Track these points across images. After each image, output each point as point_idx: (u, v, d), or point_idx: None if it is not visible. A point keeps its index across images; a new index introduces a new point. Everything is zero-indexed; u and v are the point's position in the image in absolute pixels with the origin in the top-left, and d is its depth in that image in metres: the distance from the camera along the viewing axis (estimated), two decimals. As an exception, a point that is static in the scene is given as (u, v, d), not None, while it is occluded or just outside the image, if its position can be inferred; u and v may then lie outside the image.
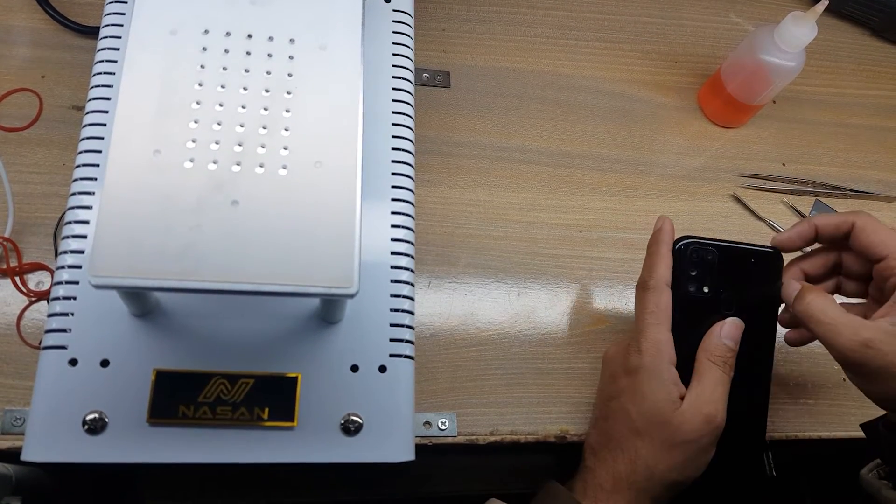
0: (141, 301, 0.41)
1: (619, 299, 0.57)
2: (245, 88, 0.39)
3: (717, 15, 0.73)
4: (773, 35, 0.59)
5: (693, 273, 0.47)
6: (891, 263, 0.45)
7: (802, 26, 0.57)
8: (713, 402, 0.44)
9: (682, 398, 0.45)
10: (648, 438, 0.45)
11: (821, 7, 0.55)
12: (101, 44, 0.47)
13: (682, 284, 0.47)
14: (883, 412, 0.46)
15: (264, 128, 0.39)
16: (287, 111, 0.39)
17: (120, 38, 0.47)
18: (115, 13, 0.48)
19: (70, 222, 0.43)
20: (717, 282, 0.48)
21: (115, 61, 0.46)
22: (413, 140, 0.50)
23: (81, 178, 0.44)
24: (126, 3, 0.48)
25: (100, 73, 0.46)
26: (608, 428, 0.47)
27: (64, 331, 0.41)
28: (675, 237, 0.48)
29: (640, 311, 0.47)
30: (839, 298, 0.49)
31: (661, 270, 0.47)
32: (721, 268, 0.48)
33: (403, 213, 0.47)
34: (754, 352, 0.49)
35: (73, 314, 0.41)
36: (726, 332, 0.46)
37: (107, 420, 0.40)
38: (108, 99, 0.45)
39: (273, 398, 0.41)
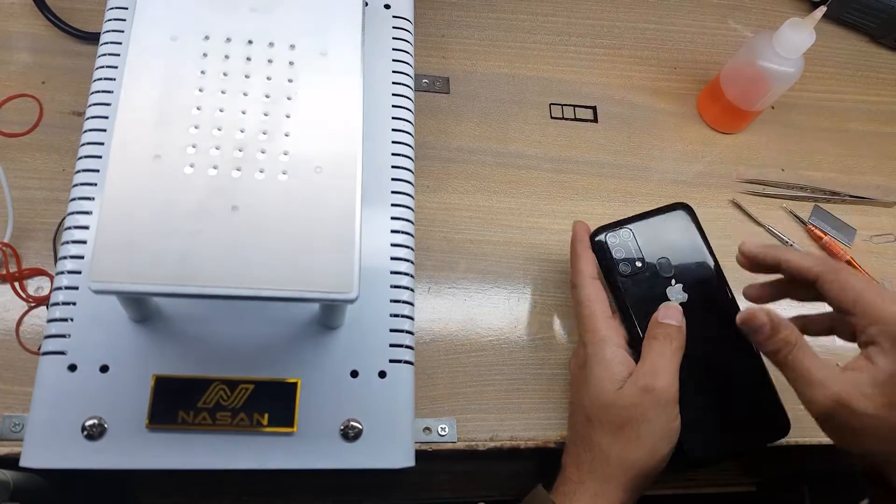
0: (140, 306, 0.41)
1: (618, 305, 0.57)
2: (245, 94, 0.40)
3: (715, 21, 0.73)
4: (771, 41, 0.59)
5: (619, 256, 0.50)
6: (860, 322, 0.42)
7: (801, 32, 0.57)
8: (651, 372, 0.45)
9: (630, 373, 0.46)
10: (598, 423, 0.45)
11: (819, 13, 0.56)
12: (102, 49, 0.47)
13: (614, 270, 0.50)
14: None
15: (264, 133, 0.39)
16: (287, 116, 0.39)
17: (120, 44, 0.47)
18: (115, 19, 0.48)
19: (70, 227, 0.43)
20: (647, 254, 0.51)
21: (116, 67, 0.47)
22: (413, 146, 0.50)
23: (81, 184, 0.44)
24: (127, 9, 0.48)
25: (100, 79, 0.46)
26: (573, 423, 0.49)
27: (63, 336, 0.41)
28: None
29: (575, 310, 0.50)
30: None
31: (582, 266, 0.50)
32: (642, 240, 0.51)
33: (403, 219, 0.47)
34: (715, 307, 0.51)
35: (72, 320, 0.41)
36: (661, 313, 0.48)
37: (106, 426, 0.40)
38: (109, 104, 0.46)
39: (273, 404, 0.41)
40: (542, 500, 0.45)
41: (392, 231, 0.46)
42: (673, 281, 0.50)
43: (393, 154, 0.48)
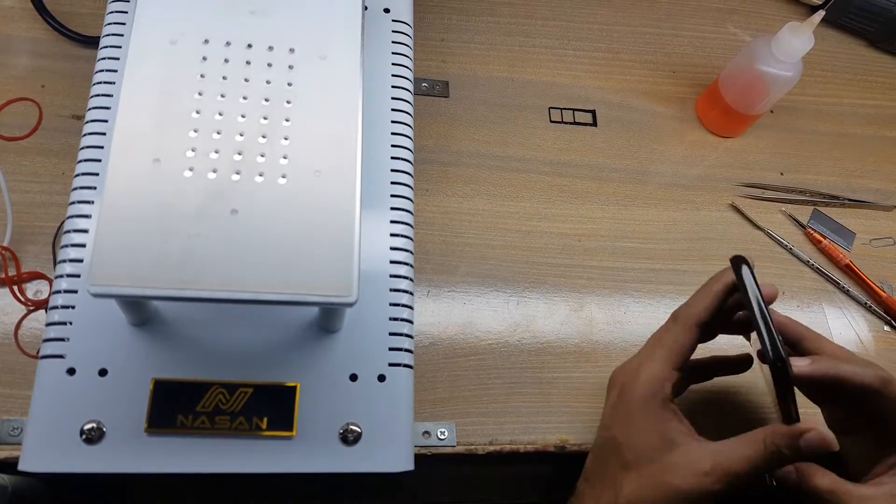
0: (139, 310, 0.41)
1: (618, 308, 0.57)
2: (245, 97, 0.40)
3: (714, 25, 0.73)
4: (770, 45, 0.59)
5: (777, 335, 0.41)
6: None
7: (799, 37, 0.57)
8: (720, 464, 0.40)
9: (688, 436, 0.42)
10: (636, 474, 0.42)
11: (817, 18, 0.56)
12: (102, 53, 0.47)
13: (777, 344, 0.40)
14: None
15: (264, 137, 0.39)
16: (287, 120, 0.39)
17: (120, 47, 0.47)
18: (115, 23, 0.48)
19: (69, 231, 0.43)
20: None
21: (116, 71, 0.47)
22: (412, 149, 0.50)
23: (81, 187, 0.44)
24: (126, 13, 0.48)
25: (100, 83, 0.46)
26: (602, 456, 0.45)
27: (62, 340, 0.41)
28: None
29: (656, 339, 0.46)
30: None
31: (697, 307, 0.45)
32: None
33: (402, 222, 0.47)
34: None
35: (71, 323, 0.41)
36: (809, 438, 0.40)
37: (104, 429, 0.39)
38: (108, 108, 0.46)
39: (272, 407, 0.41)
40: None
41: (391, 234, 0.46)
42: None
43: (392, 157, 0.48)
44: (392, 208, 0.47)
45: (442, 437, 0.50)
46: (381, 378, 0.43)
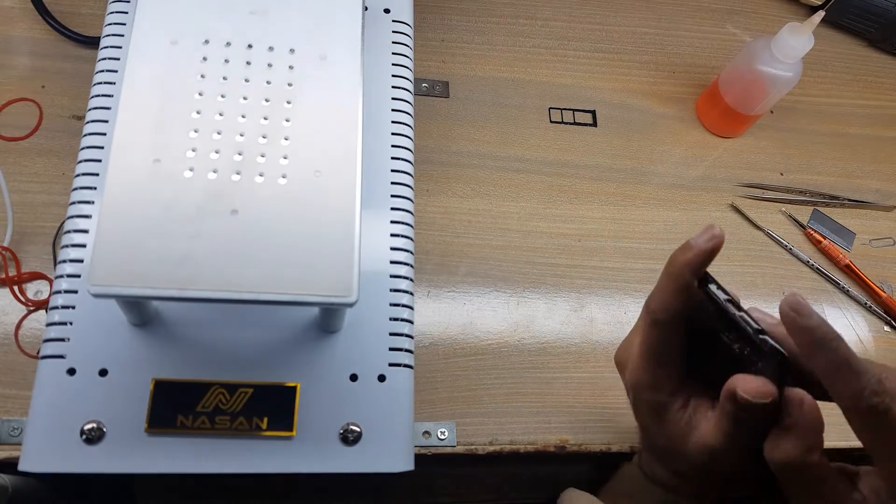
0: (140, 310, 0.41)
1: (617, 308, 0.57)
2: (245, 98, 0.40)
3: (714, 26, 0.73)
4: (770, 46, 0.59)
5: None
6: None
7: (799, 37, 0.57)
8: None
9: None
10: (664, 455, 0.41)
11: (817, 18, 0.56)
12: (102, 53, 0.47)
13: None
14: None
15: (264, 137, 0.39)
16: (287, 120, 0.39)
17: (120, 48, 0.47)
18: (115, 23, 0.48)
19: (69, 231, 0.43)
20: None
21: (116, 71, 0.47)
22: (412, 149, 0.50)
23: (81, 188, 0.44)
24: (127, 13, 0.48)
25: (100, 83, 0.46)
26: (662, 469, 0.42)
27: (62, 340, 0.41)
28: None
29: (639, 336, 0.38)
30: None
31: (658, 298, 0.36)
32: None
33: (403, 223, 0.47)
34: None
35: (71, 323, 0.41)
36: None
37: (105, 429, 0.39)
38: (109, 108, 0.46)
39: (272, 407, 0.41)
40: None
41: (391, 235, 0.46)
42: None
43: (392, 158, 0.48)
44: (392, 208, 0.47)
45: (442, 437, 0.50)
46: (382, 378, 0.43)
